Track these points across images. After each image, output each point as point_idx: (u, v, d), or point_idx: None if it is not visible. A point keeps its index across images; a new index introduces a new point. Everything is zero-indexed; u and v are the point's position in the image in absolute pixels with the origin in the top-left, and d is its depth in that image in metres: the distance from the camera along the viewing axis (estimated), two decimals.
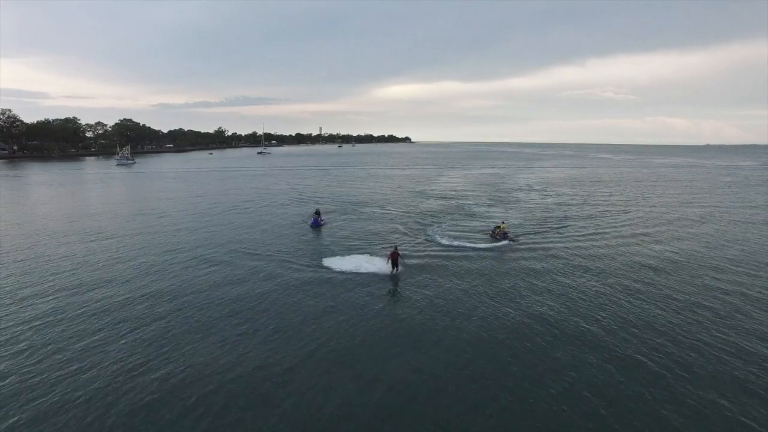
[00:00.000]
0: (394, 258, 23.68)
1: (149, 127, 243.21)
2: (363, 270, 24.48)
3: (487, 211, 45.25)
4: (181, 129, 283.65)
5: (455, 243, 31.06)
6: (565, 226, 37.47)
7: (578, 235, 34.11)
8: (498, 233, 32.66)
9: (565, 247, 30.32)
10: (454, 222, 39.19)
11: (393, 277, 23.21)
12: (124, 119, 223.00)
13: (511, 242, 31.22)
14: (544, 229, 36.19)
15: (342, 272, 24.26)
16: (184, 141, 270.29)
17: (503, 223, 34.29)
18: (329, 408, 12.24)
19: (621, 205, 50.29)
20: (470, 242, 31.33)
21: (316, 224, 36.17)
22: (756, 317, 18.57)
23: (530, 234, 34.32)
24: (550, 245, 30.83)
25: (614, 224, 38.83)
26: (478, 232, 35.00)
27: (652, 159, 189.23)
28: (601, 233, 35.03)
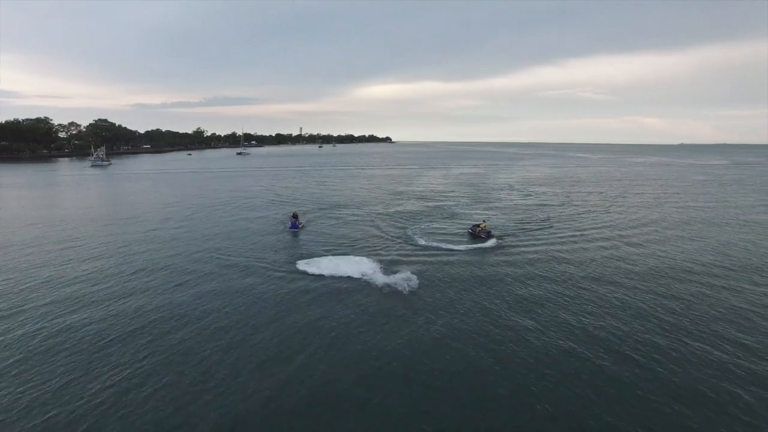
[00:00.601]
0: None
1: (125, 128, 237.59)
2: (341, 273, 24.11)
3: (468, 212, 45.22)
4: (158, 129, 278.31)
5: (437, 244, 30.85)
6: (548, 227, 37.61)
7: (561, 235, 34.28)
8: (480, 232, 32.66)
9: (550, 248, 30.39)
10: (433, 223, 39.05)
11: (382, 286, 21.81)
12: (99, 119, 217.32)
13: (499, 240, 31.32)
14: (527, 229, 36.24)
15: (319, 276, 23.82)
16: (162, 142, 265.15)
17: (484, 221, 34.31)
18: None
19: (601, 205, 50.94)
20: (456, 244, 31.14)
21: (294, 228, 35.41)
22: (737, 308, 18.89)
23: (513, 234, 34.37)
24: (534, 245, 30.87)
25: (595, 225, 39.23)
26: (458, 233, 34.90)
27: (629, 158, 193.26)
28: (582, 233, 35.28)
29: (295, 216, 37.03)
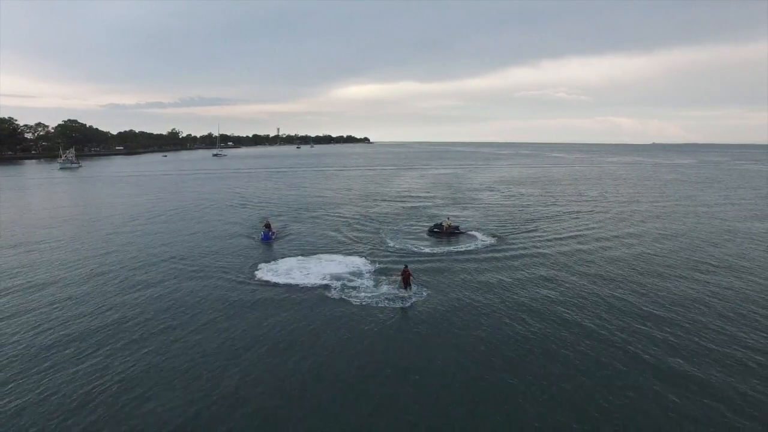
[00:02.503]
0: (406, 277, 21.46)
1: (97, 129, 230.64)
2: (307, 276, 23.87)
3: (443, 212, 45.43)
4: (132, 130, 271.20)
5: (409, 245, 30.89)
6: (523, 226, 38.10)
7: (535, 234, 34.72)
8: (447, 229, 33.07)
9: (526, 245, 30.76)
10: (406, 223, 39.10)
11: (403, 299, 20.64)
12: (69, 120, 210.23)
13: (469, 233, 32.74)
14: (501, 228, 36.56)
15: (282, 281, 23.48)
16: (136, 143, 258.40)
17: (448, 218, 34.86)
18: None
19: (576, 204, 51.93)
20: (431, 246, 31.23)
21: (267, 239, 32.43)
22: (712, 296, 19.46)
23: (487, 230, 34.60)
24: (509, 243, 31.17)
25: (573, 225, 39.93)
26: (428, 232, 34.99)
27: (603, 157, 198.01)
28: (561, 232, 35.84)
29: (267, 225, 34.47)
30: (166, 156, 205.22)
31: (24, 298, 21.17)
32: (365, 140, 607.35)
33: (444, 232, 33.13)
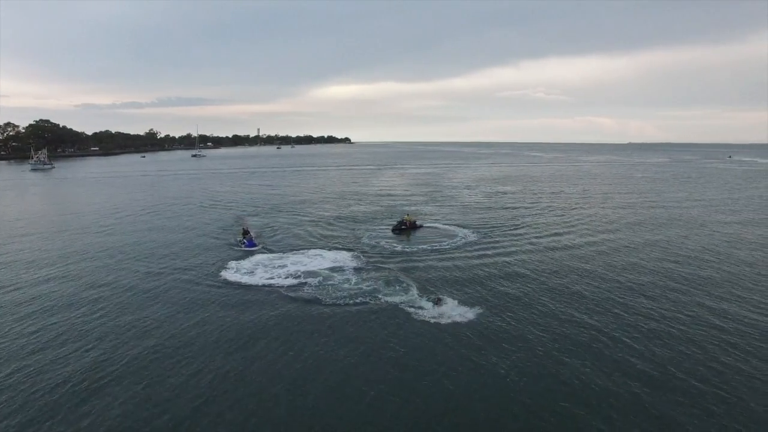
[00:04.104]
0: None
1: (70, 129, 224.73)
2: (278, 275, 24.26)
3: (425, 210, 46.19)
4: (108, 131, 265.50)
5: (383, 243, 31.52)
6: (497, 223, 39.10)
7: (510, 231, 35.75)
8: (409, 225, 35.04)
9: (496, 242, 31.71)
10: (384, 222, 39.71)
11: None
12: (41, 120, 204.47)
13: (422, 227, 35.48)
14: (484, 224, 37.51)
15: (252, 282, 23.83)
16: (112, 144, 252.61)
17: (408, 215, 36.11)
18: None
19: (549, 201, 53.36)
20: (397, 243, 31.88)
21: (252, 245, 30.61)
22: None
23: (461, 225, 35.51)
24: (492, 240, 32.13)
25: (544, 220, 41.16)
26: (393, 230, 35.66)
27: (580, 157, 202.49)
28: (539, 229, 36.98)
29: (246, 232, 32.35)
30: (144, 157, 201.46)
31: None
32: (346, 140, 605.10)
33: (408, 228, 34.40)
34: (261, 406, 12.66)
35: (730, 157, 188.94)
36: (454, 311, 18.88)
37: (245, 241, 31.19)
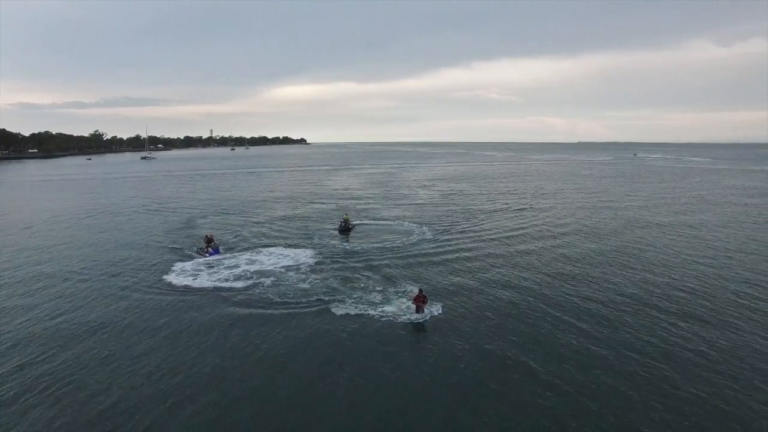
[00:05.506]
0: (420, 301, 18.82)
1: (4, 130, 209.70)
2: (222, 277, 24.36)
3: (380, 210, 47.06)
4: (48, 132, 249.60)
5: (334, 243, 32.13)
6: (449, 221, 40.55)
7: (462, 230, 37.21)
8: (350, 225, 36.37)
9: (445, 241, 32.97)
10: (335, 222, 40.33)
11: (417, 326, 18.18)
12: None
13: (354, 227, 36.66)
14: (438, 224, 38.76)
15: (197, 285, 23.89)
16: (53, 145, 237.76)
17: (346, 215, 37.31)
18: None
19: (505, 199, 55.68)
20: (343, 242, 32.55)
21: (216, 253, 28.86)
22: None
23: (426, 224, 36.69)
24: (450, 237, 33.33)
25: (506, 218, 43.02)
26: (338, 231, 36.42)
27: (531, 155, 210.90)
28: (494, 224, 38.63)
29: (209, 239, 29.97)
30: (90, 159, 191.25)
31: None
32: (302, 141, 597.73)
33: (349, 229, 35.67)
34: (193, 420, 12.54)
35: (635, 154, 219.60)
36: (411, 307, 18.95)
37: (210, 249, 28.77)
